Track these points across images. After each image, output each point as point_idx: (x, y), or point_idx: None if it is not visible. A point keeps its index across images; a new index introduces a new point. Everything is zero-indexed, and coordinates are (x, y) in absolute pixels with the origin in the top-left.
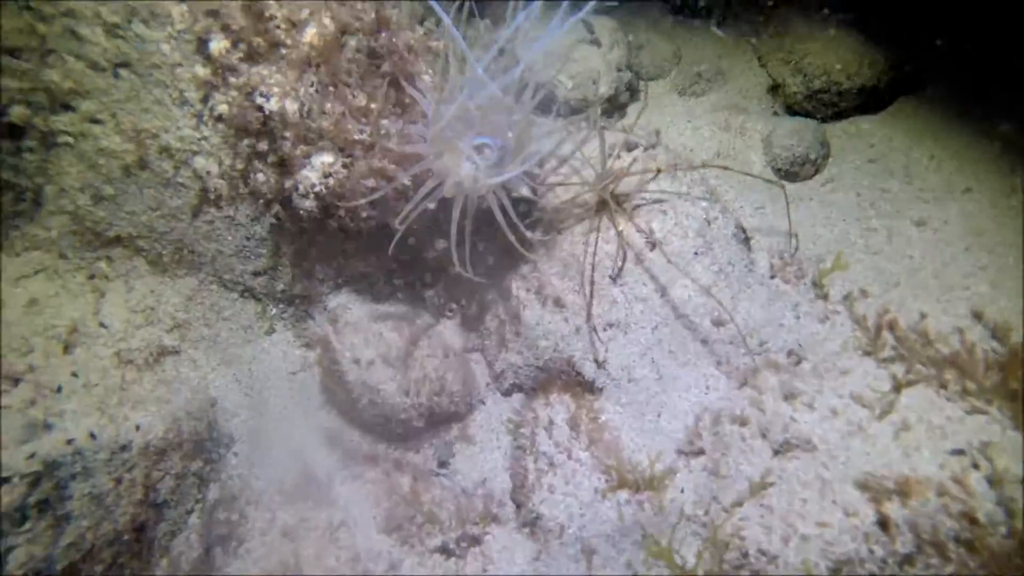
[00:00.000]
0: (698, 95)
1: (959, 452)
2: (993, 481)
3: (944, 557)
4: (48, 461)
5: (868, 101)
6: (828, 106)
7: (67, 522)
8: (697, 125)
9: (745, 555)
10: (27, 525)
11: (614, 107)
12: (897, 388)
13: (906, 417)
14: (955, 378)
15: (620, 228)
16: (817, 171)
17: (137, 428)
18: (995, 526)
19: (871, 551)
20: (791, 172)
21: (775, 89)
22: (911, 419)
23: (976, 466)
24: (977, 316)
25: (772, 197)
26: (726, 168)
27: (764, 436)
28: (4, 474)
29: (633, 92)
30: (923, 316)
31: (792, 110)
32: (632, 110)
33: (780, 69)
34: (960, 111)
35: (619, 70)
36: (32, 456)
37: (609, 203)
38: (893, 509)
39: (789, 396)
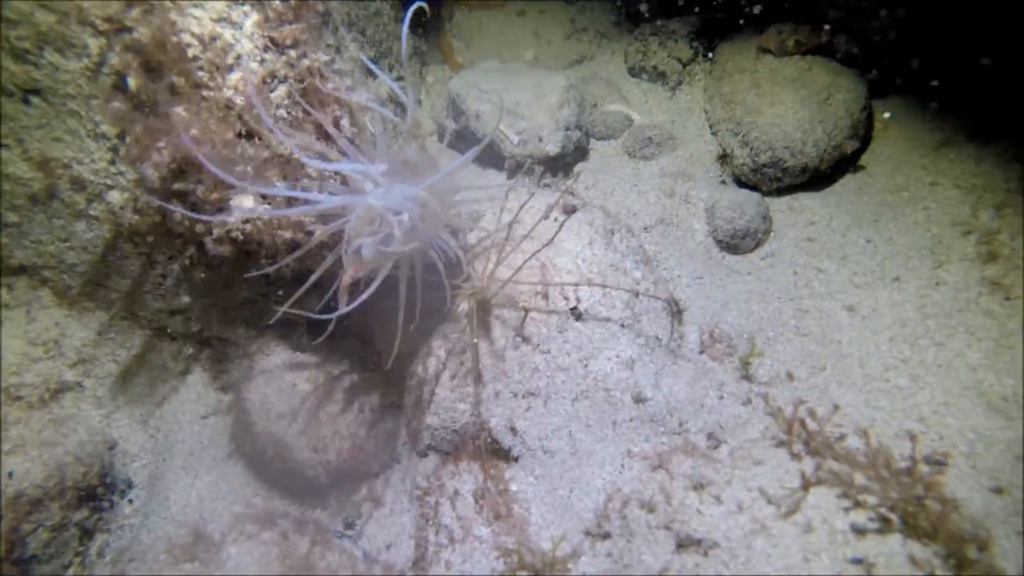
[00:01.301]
0: (647, 159)
1: (858, 561)
2: None
3: None
4: None
5: (811, 179)
6: (773, 180)
7: None
8: (643, 189)
9: None
10: None
11: (560, 166)
12: (805, 486)
13: (811, 518)
14: (863, 483)
15: (475, 340)
16: (758, 245)
17: (9, 476)
18: None
19: None
20: (732, 244)
21: (724, 158)
22: (815, 521)
23: None
24: (892, 414)
25: (711, 267)
26: (605, 287)
27: (668, 527)
28: None
29: (582, 152)
30: (836, 408)
31: (739, 181)
32: (579, 169)
33: (729, 140)
34: (899, 196)
35: (568, 129)
36: None
37: (472, 315)
38: None
39: (698, 486)
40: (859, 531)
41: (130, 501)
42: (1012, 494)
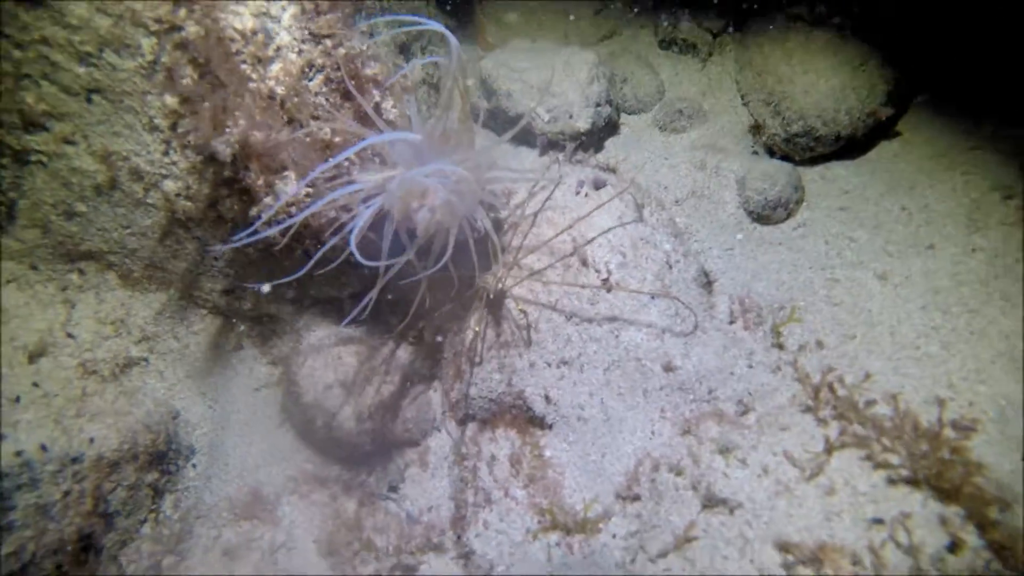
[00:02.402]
0: (678, 132)
1: (879, 521)
2: (911, 552)
3: None
4: None
5: (845, 147)
6: (805, 150)
7: (8, 531)
8: (674, 163)
9: None
10: None
11: (592, 141)
12: (829, 450)
13: (833, 481)
14: (886, 445)
15: (476, 329)
16: (790, 215)
17: (91, 441)
18: None
19: None
20: (763, 215)
21: (756, 129)
22: (838, 483)
23: (893, 537)
24: (922, 380)
25: (743, 239)
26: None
27: (695, 488)
28: None
29: (613, 126)
30: (867, 376)
31: (771, 151)
32: (610, 144)
33: (761, 110)
34: (938, 163)
35: (598, 105)
36: None
37: (480, 299)
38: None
39: (725, 450)
40: (880, 493)
41: (193, 465)
42: None
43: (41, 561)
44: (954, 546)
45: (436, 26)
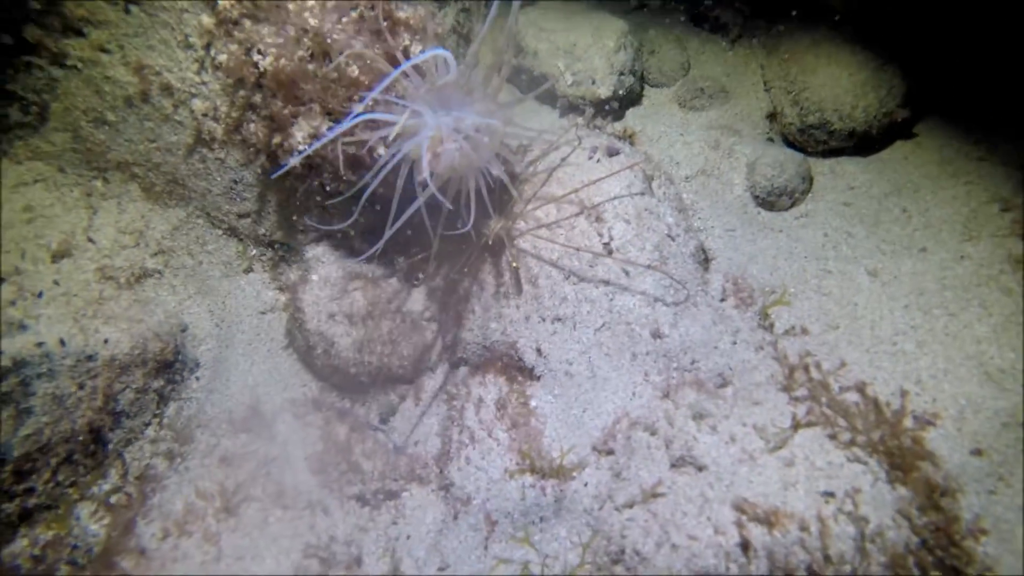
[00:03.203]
0: (698, 110)
1: (829, 494)
2: (856, 522)
3: None
4: (17, 359)
5: (859, 143)
6: (819, 142)
7: (28, 415)
8: (689, 140)
9: (622, 552)
10: None
11: (611, 109)
12: (795, 427)
13: (794, 454)
14: (849, 426)
15: (478, 278)
16: (794, 204)
17: (105, 342)
18: (842, 564)
19: (728, 569)
20: (768, 201)
21: (773, 116)
22: (798, 457)
23: (841, 510)
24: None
25: (745, 220)
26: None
27: (667, 448)
28: None
29: (635, 97)
30: (843, 364)
31: (787, 140)
32: (630, 114)
33: (781, 97)
34: (945, 169)
35: (621, 74)
36: (1, 352)
37: (484, 248)
38: (757, 535)
39: (698, 416)
40: (836, 470)
41: (197, 378)
42: (990, 457)
43: (55, 446)
44: (896, 523)
45: None
